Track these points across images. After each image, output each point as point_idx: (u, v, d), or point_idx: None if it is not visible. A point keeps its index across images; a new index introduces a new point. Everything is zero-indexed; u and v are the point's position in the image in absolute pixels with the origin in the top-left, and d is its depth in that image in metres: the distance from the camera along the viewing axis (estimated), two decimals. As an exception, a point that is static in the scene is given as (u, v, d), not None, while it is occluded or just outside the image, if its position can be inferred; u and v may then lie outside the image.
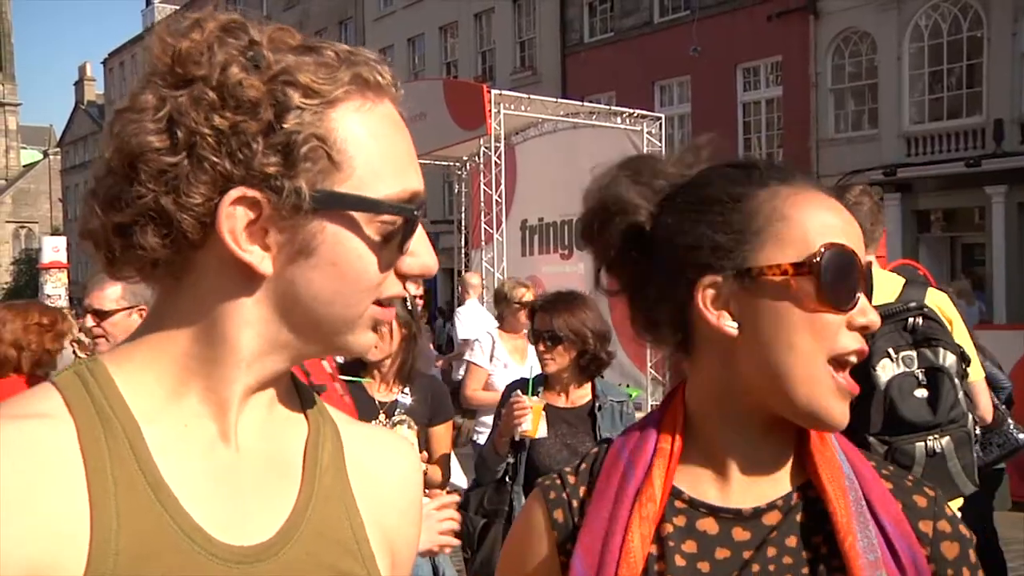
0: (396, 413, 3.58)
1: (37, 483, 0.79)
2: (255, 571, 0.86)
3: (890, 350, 2.97)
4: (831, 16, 19.60)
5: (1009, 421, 4.55)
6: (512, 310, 5.90)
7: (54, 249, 19.99)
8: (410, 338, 3.61)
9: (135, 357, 0.90)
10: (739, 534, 1.09)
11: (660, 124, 13.17)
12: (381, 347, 3.54)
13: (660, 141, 12.83)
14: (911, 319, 3.03)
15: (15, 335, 3.58)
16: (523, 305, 5.53)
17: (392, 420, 3.56)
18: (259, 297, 0.88)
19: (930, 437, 2.96)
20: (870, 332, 1.05)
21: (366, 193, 0.86)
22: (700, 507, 1.10)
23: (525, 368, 5.12)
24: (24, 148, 71.10)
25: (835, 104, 19.95)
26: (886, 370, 2.95)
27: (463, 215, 15.29)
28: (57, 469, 0.80)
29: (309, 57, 0.85)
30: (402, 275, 0.91)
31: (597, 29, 24.77)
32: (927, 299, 3.20)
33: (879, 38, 18.92)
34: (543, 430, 3.44)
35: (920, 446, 2.94)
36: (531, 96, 13.39)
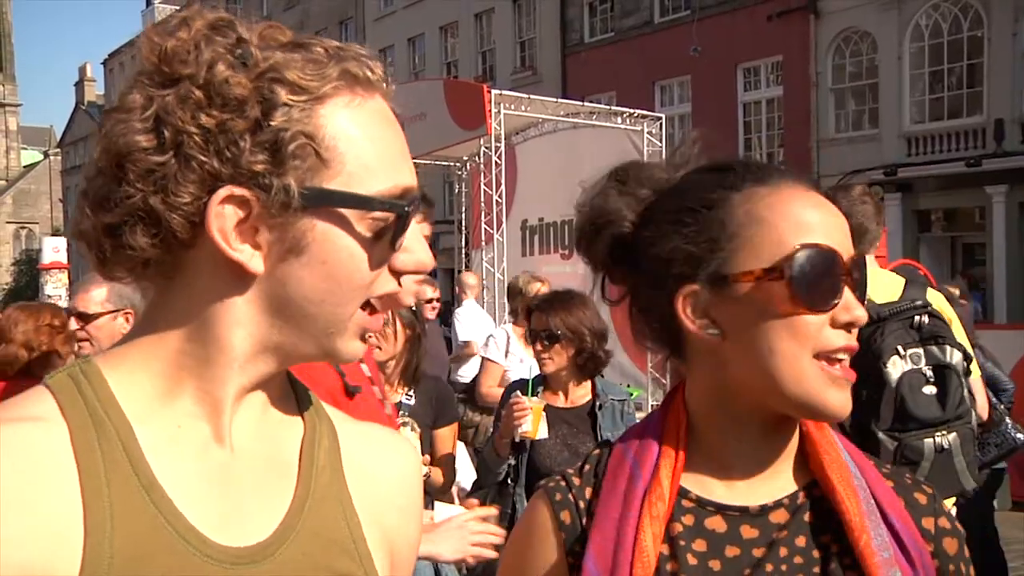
0: (400, 416, 3.53)
1: (32, 486, 0.79)
2: (251, 572, 0.86)
3: (899, 347, 2.99)
4: (831, 16, 19.60)
5: (1007, 421, 4.55)
6: (527, 304, 5.88)
7: (54, 250, 20.00)
8: (414, 339, 3.57)
9: (128, 358, 0.89)
10: (747, 532, 1.09)
11: (660, 124, 13.15)
12: (385, 348, 3.51)
13: (660, 141, 12.82)
14: (917, 317, 3.06)
15: (26, 336, 3.56)
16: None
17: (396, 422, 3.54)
18: (250, 296, 0.87)
19: (938, 433, 2.99)
20: (857, 327, 1.04)
21: (356, 190, 0.85)
22: (708, 505, 1.10)
23: None
24: (24, 149, 71.09)
25: (836, 104, 19.95)
26: (896, 367, 2.97)
27: (463, 215, 15.28)
28: (51, 472, 0.80)
29: (298, 54, 0.84)
30: (396, 272, 0.90)
31: (597, 29, 24.78)
32: (927, 298, 3.22)
33: (879, 38, 18.92)
34: (543, 431, 3.43)
35: (929, 442, 2.97)
36: (531, 96, 13.37)
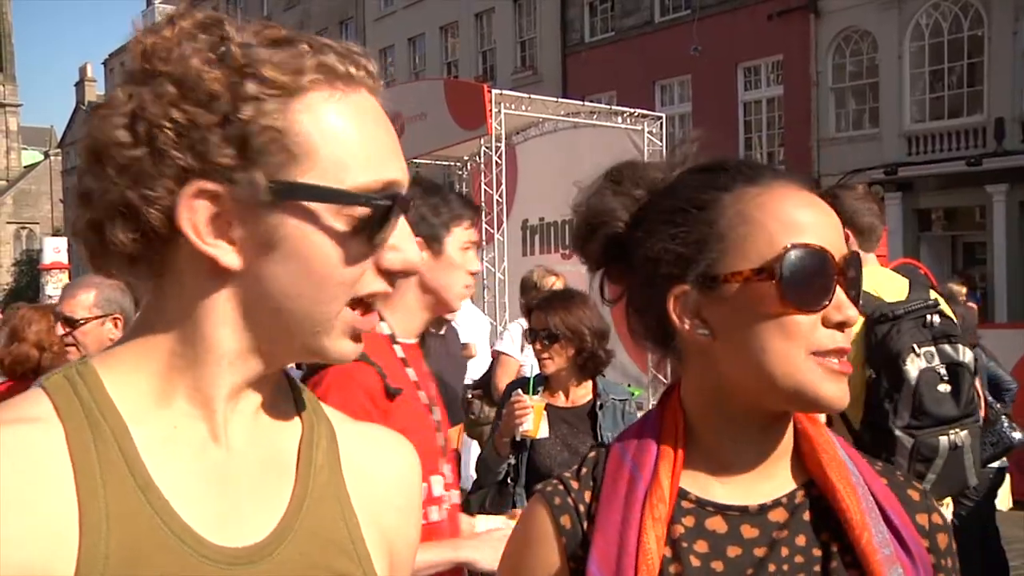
0: None
1: (30, 486, 0.79)
2: (248, 572, 0.86)
3: (915, 345, 3.02)
4: (832, 15, 19.60)
5: (1003, 419, 4.57)
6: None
7: (55, 250, 20.02)
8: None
9: (124, 359, 0.89)
10: (747, 531, 1.09)
11: (661, 124, 13.17)
12: None
13: (661, 141, 12.83)
14: (929, 316, 3.09)
15: (39, 336, 3.57)
16: None
17: None
18: (231, 294, 0.87)
19: (952, 431, 3.03)
20: (849, 327, 1.03)
21: (330, 183, 0.84)
22: (707, 506, 1.10)
23: None
24: (25, 149, 71.09)
25: (836, 103, 19.95)
26: (914, 364, 3.01)
27: (464, 215, 15.25)
28: (48, 473, 0.80)
29: (281, 50, 0.84)
30: (384, 271, 0.88)
31: (598, 29, 24.77)
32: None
33: (880, 37, 18.92)
34: (544, 430, 3.42)
35: (944, 440, 3.01)
36: (532, 96, 13.37)
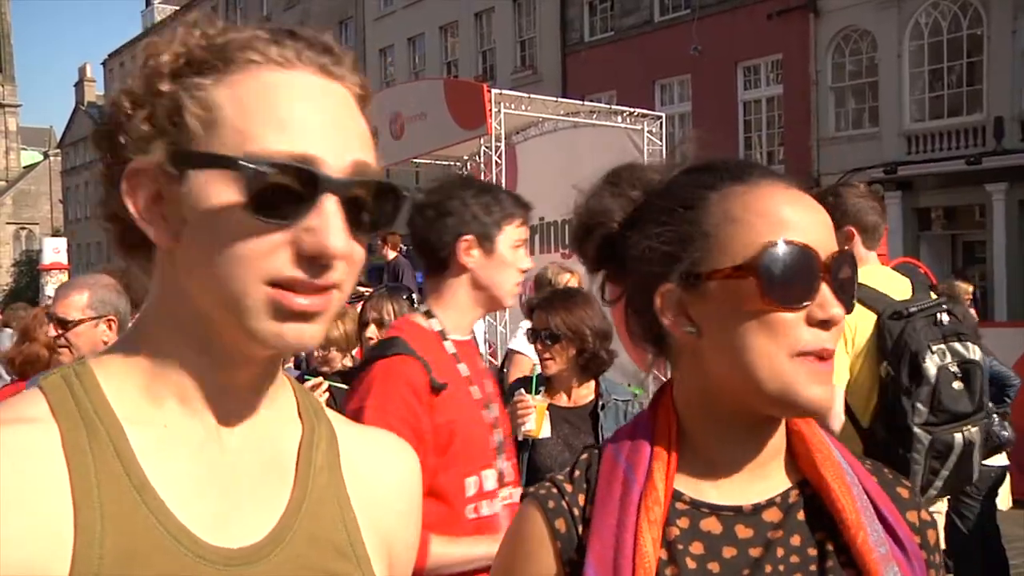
0: None
1: (26, 487, 0.79)
2: (244, 573, 0.86)
3: (931, 344, 3.06)
4: (831, 14, 19.60)
5: (994, 417, 4.60)
6: None
7: (55, 250, 20.04)
8: None
9: (119, 358, 0.90)
10: (742, 531, 1.09)
11: (661, 123, 13.15)
12: None
13: (661, 140, 12.81)
14: (938, 314, 3.11)
15: (49, 336, 3.53)
16: None
17: None
18: (179, 276, 0.87)
19: (965, 428, 3.07)
20: (834, 326, 1.02)
21: (225, 152, 0.82)
22: (702, 507, 1.10)
23: None
24: (24, 149, 71.11)
25: (836, 102, 19.95)
26: (932, 362, 3.04)
27: (464, 215, 15.26)
28: (43, 473, 0.80)
29: (227, 36, 0.86)
30: (302, 256, 0.83)
31: (597, 28, 24.77)
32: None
33: (879, 36, 18.92)
34: (546, 430, 3.42)
35: (959, 436, 3.05)
36: (531, 95, 13.36)
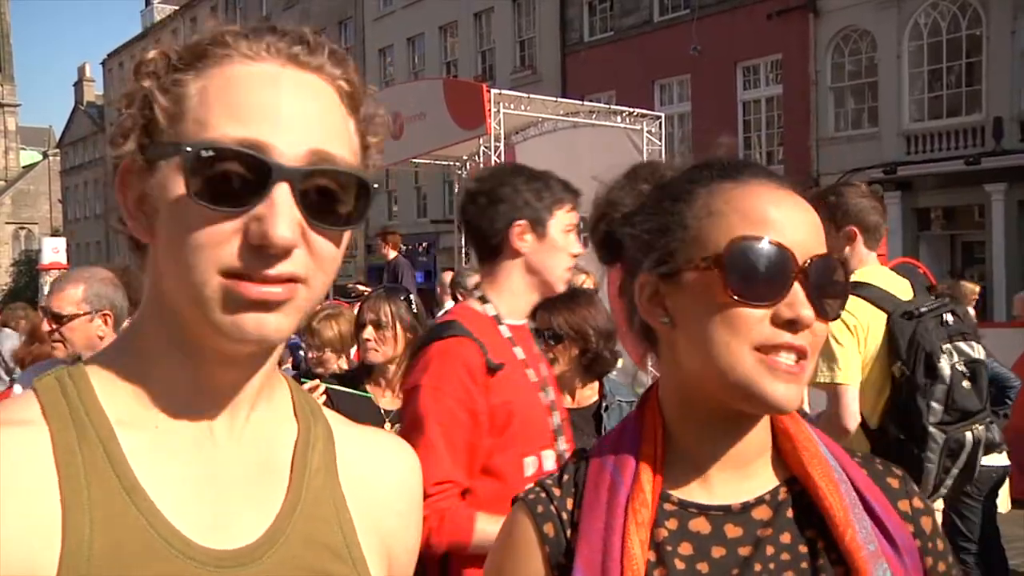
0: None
1: (13, 489, 0.78)
2: (236, 575, 0.85)
3: (942, 344, 3.09)
4: (831, 14, 19.60)
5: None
6: None
7: (54, 250, 20.01)
8: (415, 343, 3.51)
9: (113, 358, 0.89)
10: (731, 531, 1.08)
11: (660, 123, 13.17)
12: (383, 351, 3.43)
13: (660, 140, 12.83)
14: (944, 315, 3.14)
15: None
16: None
17: (396, 428, 3.32)
18: (158, 271, 0.86)
19: (975, 425, 3.10)
20: (803, 327, 1.01)
21: (178, 140, 0.82)
22: (690, 508, 1.10)
23: None
24: (23, 149, 71.08)
25: (835, 102, 19.95)
26: (946, 362, 3.07)
27: (463, 215, 15.26)
28: (31, 475, 0.80)
29: (210, 32, 0.87)
30: (251, 244, 0.81)
31: (597, 28, 24.77)
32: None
33: (879, 36, 18.92)
34: None
35: (969, 434, 3.09)
36: (531, 95, 13.38)
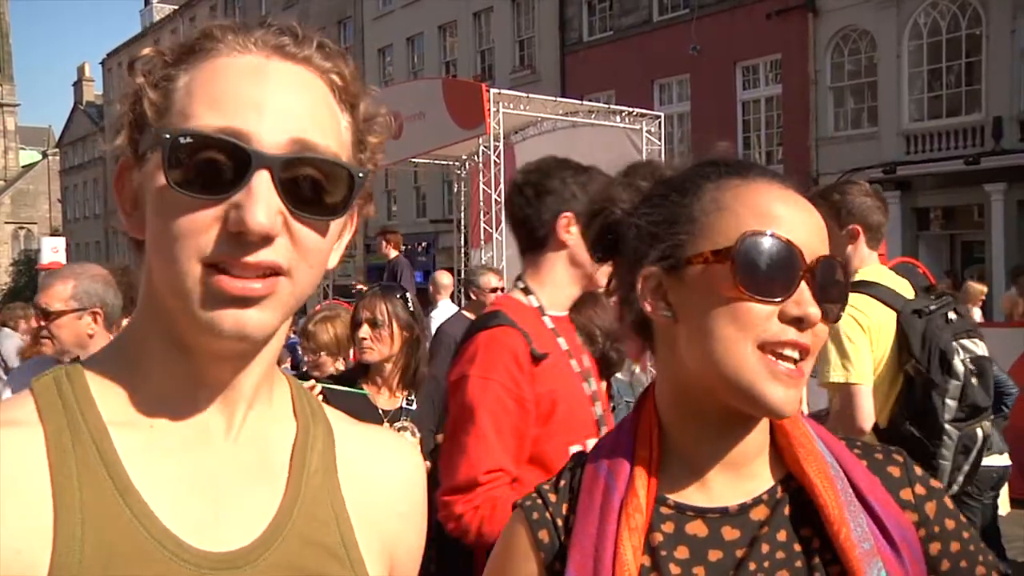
0: (400, 420, 3.40)
1: (5, 490, 0.78)
2: None
3: (952, 342, 3.11)
4: (830, 14, 19.60)
5: None
6: None
7: (53, 250, 20.02)
8: (412, 341, 3.46)
9: (110, 358, 0.89)
10: (729, 533, 1.07)
11: (660, 123, 13.19)
12: (379, 350, 3.41)
13: (659, 140, 12.85)
14: (948, 313, 3.16)
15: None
16: None
17: (394, 428, 3.37)
18: (149, 266, 0.86)
19: (984, 421, 3.13)
20: (809, 326, 1.01)
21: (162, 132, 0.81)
22: (687, 511, 1.08)
23: None
24: (23, 149, 71.05)
25: (834, 102, 19.95)
26: (958, 359, 3.09)
27: (462, 214, 15.30)
28: (23, 476, 0.79)
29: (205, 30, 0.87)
30: (230, 232, 0.80)
31: (596, 28, 24.76)
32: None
33: (878, 36, 18.92)
34: None
35: (979, 430, 3.11)
36: (530, 95, 13.40)
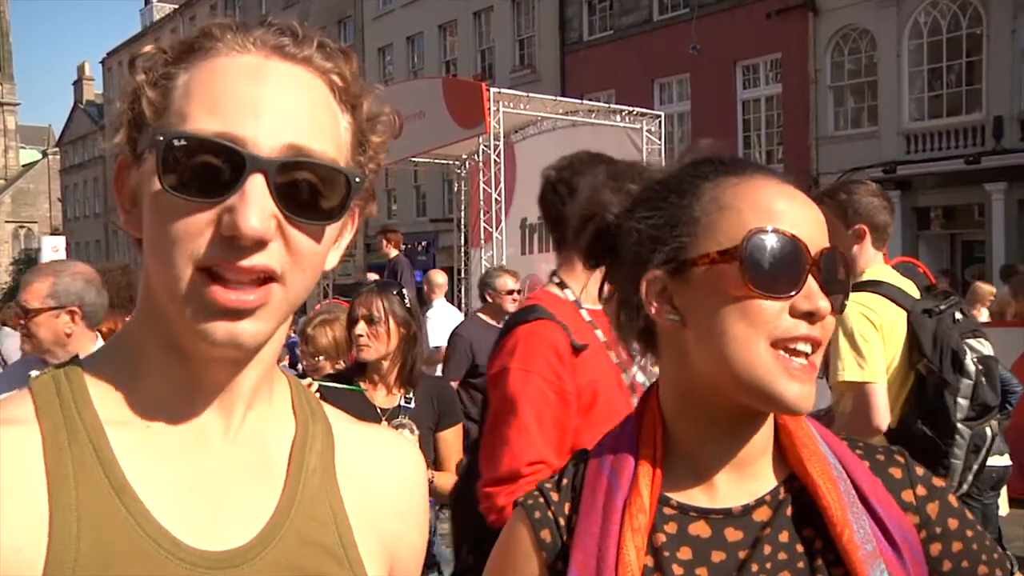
0: (398, 418, 3.39)
1: (2, 489, 0.77)
2: None
3: (963, 343, 3.14)
4: (830, 13, 19.59)
5: None
6: None
7: (53, 249, 19.97)
8: (409, 339, 3.45)
9: (108, 357, 0.89)
10: (732, 534, 1.07)
11: (660, 122, 13.19)
12: (376, 347, 3.40)
13: (660, 139, 12.85)
14: (955, 313, 3.18)
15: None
16: None
17: (392, 425, 3.36)
18: (146, 266, 0.86)
19: (992, 420, 3.15)
20: (820, 319, 1.01)
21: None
22: (690, 512, 1.08)
23: None
24: (23, 148, 71.06)
25: (835, 101, 19.94)
26: (969, 359, 3.11)
27: (463, 214, 15.30)
28: (19, 475, 0.79)
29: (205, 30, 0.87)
30: (223, 236, 0.80)
31: (596, 27, 24.76)
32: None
33: (878, 35, 18.91)
34: None
35: (988, 429, 3.14)
36: (530, 94, 13.39)
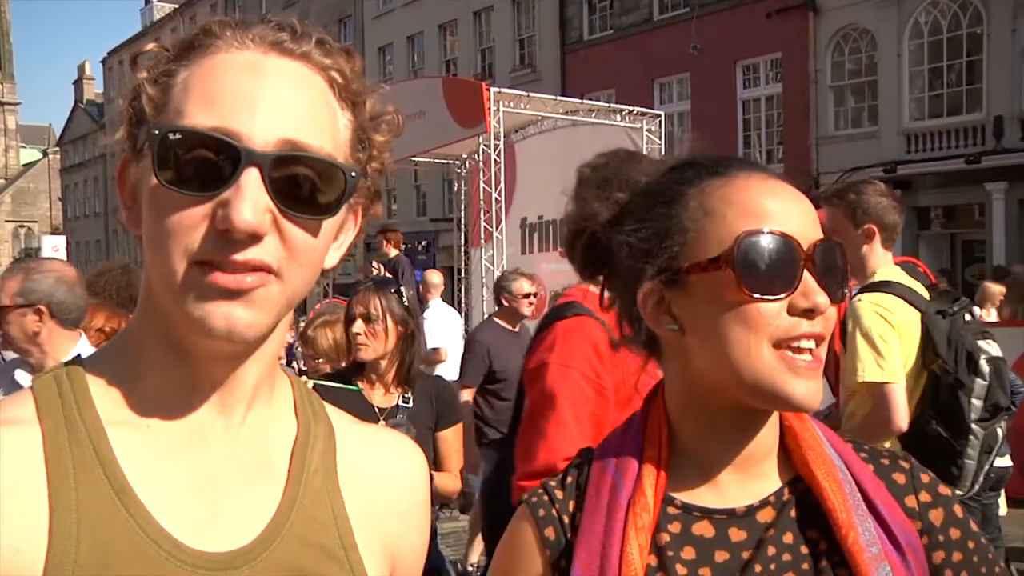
0: (396, 418, 3.35)
1: (3, 489, 0.77)
2: None
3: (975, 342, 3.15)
4: (830, 13, 19.59)
5: None
6: None
7: (53, 248, 20.05)
8: (407, 337, 3.41)
9: (109, 356, 0.89)
10: (735, 534, 1.07)
11: (660, 121, 13.19)
12: (374, 346, 3.37)
13: (660, 138, 12.84)
14: (965, 314, 3.19)
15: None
16: None
17: (389, 425, 3.30)
18: (146, 263, 0.86)
19: (1002, 421, 3.17)
20: (819, 314, 1.01)
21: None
22: (694, 511, 1.08)
23: None
24: (23, 147, 71.07)
25: (835, 101, 19.94)
26: (983, 359, 3.13)
27: (463, 213, 15.30)
28: (19, 476, 0.78)
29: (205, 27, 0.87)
30: (217, 230, 0.80)
31: (597, 26, 24.76)
32: None
33: (879, 35, 18.91)
34: None
35: (999, 429, 3.15)
36: (530, 94, 13.39)
